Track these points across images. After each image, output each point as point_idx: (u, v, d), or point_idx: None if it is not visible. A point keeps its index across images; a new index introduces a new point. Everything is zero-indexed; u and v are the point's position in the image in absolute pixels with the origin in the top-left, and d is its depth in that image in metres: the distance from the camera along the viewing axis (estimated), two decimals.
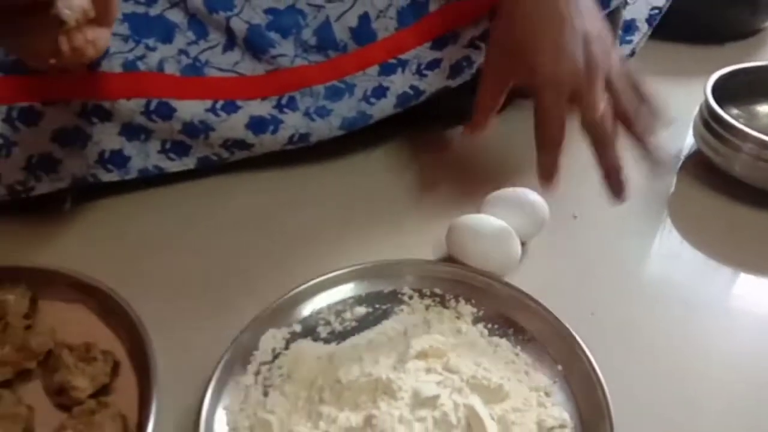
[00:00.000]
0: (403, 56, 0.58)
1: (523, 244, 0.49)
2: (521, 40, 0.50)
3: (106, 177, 0.57)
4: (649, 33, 0.71)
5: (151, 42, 0.53)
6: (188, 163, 0.59)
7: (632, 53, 0.71)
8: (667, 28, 0.72)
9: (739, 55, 0.81)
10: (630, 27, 0.70)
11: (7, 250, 0.53)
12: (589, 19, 0.50)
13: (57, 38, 0.34)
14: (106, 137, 0.55)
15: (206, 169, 0.60)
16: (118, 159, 0.56)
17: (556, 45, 0.48)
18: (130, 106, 0.54)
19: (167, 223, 0.57)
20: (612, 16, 0.63)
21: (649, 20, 0.70)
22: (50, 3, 0.31)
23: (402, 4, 0.56)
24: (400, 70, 0.58)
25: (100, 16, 0.38)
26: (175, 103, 0.55)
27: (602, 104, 0.47)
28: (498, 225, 0.48)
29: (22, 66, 0.51)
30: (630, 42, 0.71)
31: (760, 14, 0.83)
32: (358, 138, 0.61)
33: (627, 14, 0.68)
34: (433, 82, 0.60)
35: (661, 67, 0.76)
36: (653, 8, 0.70)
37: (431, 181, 0.61)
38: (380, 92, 0.59)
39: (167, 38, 0.54)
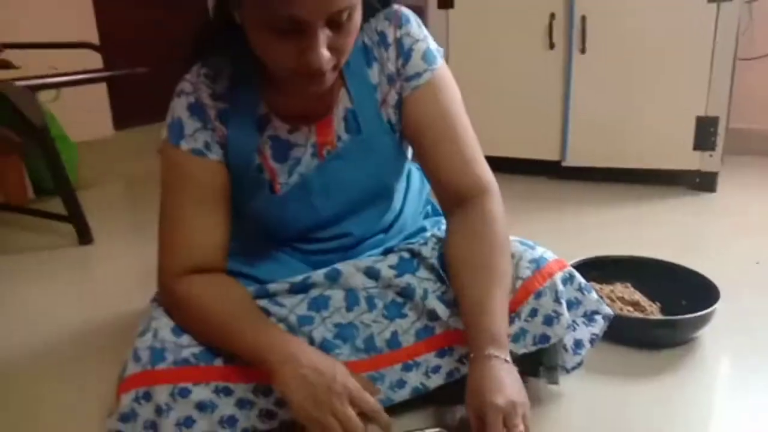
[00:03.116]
0: (417, 359, 0.90)
1: None
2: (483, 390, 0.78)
3: None
4: (591, 348, 1.00)
5: None
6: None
7: (580, 363, 0.99)
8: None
9: (674, 357, 1.11)
10: (579, 344, 0.98)
11: None
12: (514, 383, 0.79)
13: None
14: (225, 407, 0.86)
15: None
16: (231, 421, 0.86)
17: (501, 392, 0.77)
18: (244, 387, 0.86)
19: None
20: (553, 346, 0.94)
21: (591, 341, 0.99)
22: None
23: (418, 327, 0.91)
24: (414, 369, 0.90)
25: None
26: None
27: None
28: None
29: (187, 362, 0.85)
30: (579, 354, 0.99)
31: (680, 333, 1.15)
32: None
33: (576, 335, 0.97)
34: (435, 381, 0.91)
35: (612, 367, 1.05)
36: (593, 334, 0.98)
37: None
38: (400, 384, 0.90)
39: None
